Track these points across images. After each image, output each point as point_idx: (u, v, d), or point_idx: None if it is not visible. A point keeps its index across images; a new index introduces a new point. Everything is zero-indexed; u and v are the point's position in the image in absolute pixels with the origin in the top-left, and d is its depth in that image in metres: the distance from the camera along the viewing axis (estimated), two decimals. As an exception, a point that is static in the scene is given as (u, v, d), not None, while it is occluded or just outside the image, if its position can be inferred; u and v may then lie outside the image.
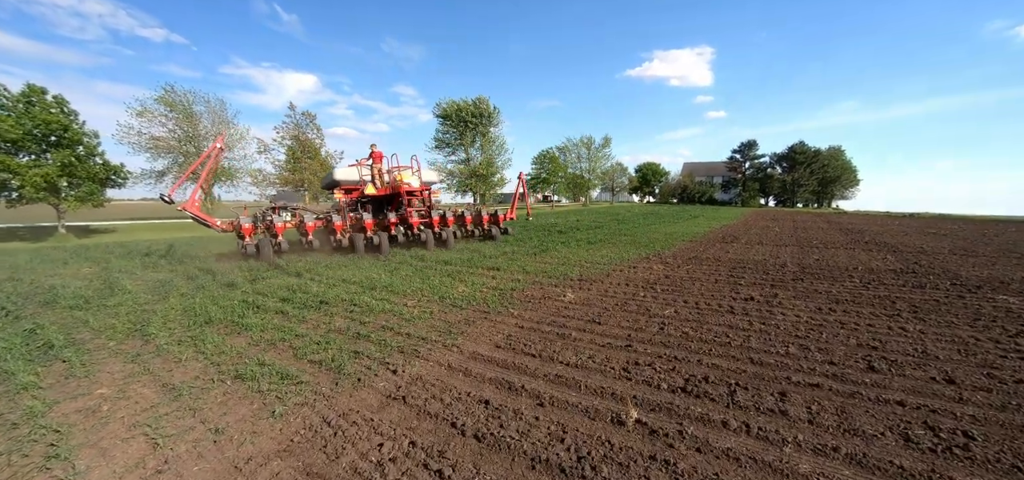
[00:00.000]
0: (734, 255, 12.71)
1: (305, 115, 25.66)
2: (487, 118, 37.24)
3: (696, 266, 10.71)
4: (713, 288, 8.18)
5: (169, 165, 35.09)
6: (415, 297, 7.57)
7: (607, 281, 8.85)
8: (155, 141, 33.88)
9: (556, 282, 8.78)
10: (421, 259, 11.90)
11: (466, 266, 10.76)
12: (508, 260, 11.62)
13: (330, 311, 6.69)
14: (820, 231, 22.49)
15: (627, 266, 10.68)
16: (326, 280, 9.14)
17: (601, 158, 61.69)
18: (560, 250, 13.61)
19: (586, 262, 11.34)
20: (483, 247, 14.15)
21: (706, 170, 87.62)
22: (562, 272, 9.78)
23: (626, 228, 22.14)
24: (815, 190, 77.30)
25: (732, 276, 9.35)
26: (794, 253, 13.23)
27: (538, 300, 7.27)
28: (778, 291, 7.93)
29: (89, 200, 18.35)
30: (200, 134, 36.10)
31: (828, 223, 29.79)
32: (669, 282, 8.70)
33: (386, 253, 12.72)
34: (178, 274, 10.23)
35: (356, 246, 12.81)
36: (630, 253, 13.01)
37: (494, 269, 10.33)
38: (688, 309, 6.64)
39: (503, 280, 9.04)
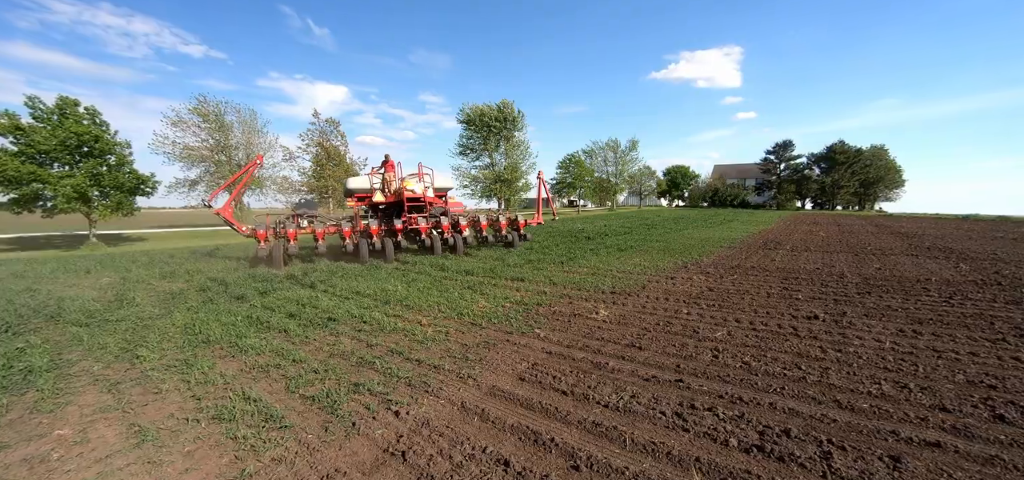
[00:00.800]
0: (781, 264, 11.56)
1: (329, 122, 25.74)
2: (511, 122, 36.59)
3: (741, 277, 9.67)
4: (766, 303, 7.18)
5: (201, 174, 35.88)
6: (431, 313, 6.89)
7: (643, 295, 7.96)
8: (188, 150, 34.69)
9: (586, 295, 7.95)
10: (442, 269, 11.26)
11: (488, 277, 10.04)
12: (533, 270, 10.83)
13: (337, 330, 6.06)
14: (870, 236, 20.80)
15: (664, 277, 9.73)
16: (340, 292, 8.58)
17: (628, 161, 60.24)
18: (589, 258, 12.74)
19: (618, 272, 10.45)
20: (507, 256, 13.42)
21: (738, 172, 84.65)
22: (593, 284, 8.94)
23: (657, 234, 21.03)
24: (856, 192, 73.53)
25: (785, 289, 8.30)
26: (850, 261, 11.96)
27: (567, 318, 6.46)
28: (845, 308, 6.88)
29: (119, 209, 18.56)
30: (231, 144, 36.85)
31: (876, 227, 27.75)
32: (714, 296, 7.74)
33: (390, 258, 13.03)
34: (192, 285, 9.89)
35: (360, 252, 12.89)
36: (665, 261, 12.03)
37: (518, 280, 9.57)
38: (743, 331, 5.71)
39: (528, 293, 8.27)
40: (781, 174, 74.97)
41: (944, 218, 47.57)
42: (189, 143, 34.65)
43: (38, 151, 16.59)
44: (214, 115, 35.07)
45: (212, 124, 35.34)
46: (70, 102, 17.90)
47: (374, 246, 13.21)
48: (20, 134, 16.35)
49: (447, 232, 14.30)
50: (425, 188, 15.39)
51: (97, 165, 17.46)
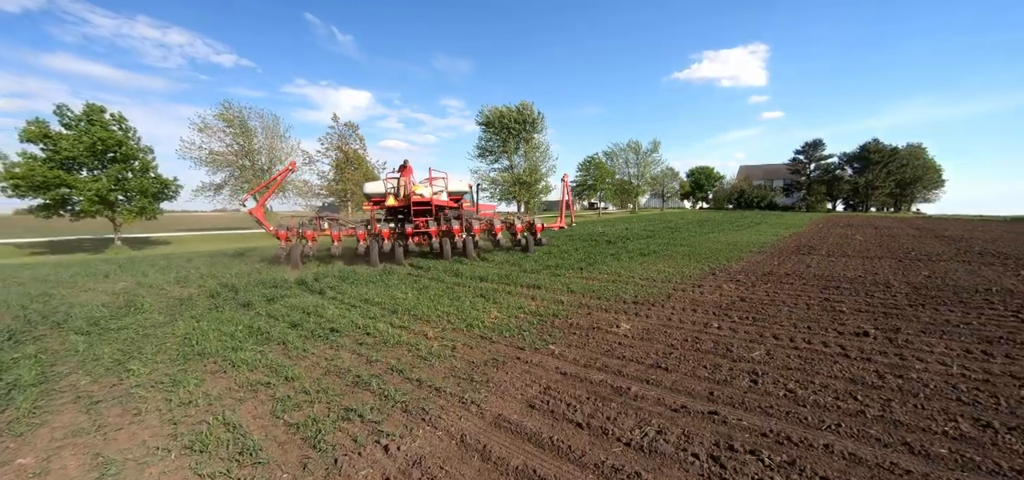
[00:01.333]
0: (818, 270, 10.74)
1: (348, 126, 25.72)
2: (531, 124, 36.06)
3: (775, 285, 8.95)
4: (806, 316, 6.50)
5: (227, 178, 36.58)
6: (439, 324, 6.46)
7: (668, 305, 7.37)
8: (214, 155, 35.39)
9: (606, 306, 7.40)
10: (455, 275, 10.86)
11: (503, 284, 9.59)
12: (551, 276, 10.33)
13: (338, 342, 5.69)
14: (912, 239, 19.53)
15: (690, 284, 9.09)
16: (348, 300, 8.25)
17: (650, 163, 58.99)
18: (609, 264, 12.15)
19: (641, 279, 9.84)
20: (523, 261, 12.94)
21: (764, 173, 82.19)
22: (613, 292, 8.38)
23: (682, 237, 20.22)
24: (892, 193, 70.42)
25: (826, 300, 7.58)
26: (894, 268, 11.05)
27: (585, 331, 5.94)
28: (897, 323, 6.15)
29: (143, 213, 18.85)
30: (255, 148, 37.47)
31: (917, 230, 26.19)
32: (747, 307, 7.09)
33: (399, 261, 13.27)
34: (203, 290, 9.74)
35: (371, 254, 13.19)
36: (690, 268, 11.35)
37: (534, 287, 9.08)
38: (783, 350, 5.08)
39: (544, 302, 7.77)
40: (811, 174, 72.36)
41: (990, 220, 44.90)
42: (214, 148, 35.37)
43: (65, 157, 16.94)
44: (238, 121, 35.72)
45: (236, 129, 36.00)
46: (96, 109, 18.28)
47: (383, 249, 13.43)
48: (48, 141, 16.72)
49: (458, 236, 14.14)
50: (438, 192, 15.37)
51: (121, 170, 17.75)
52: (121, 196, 18.66)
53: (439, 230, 14.17)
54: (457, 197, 16.90)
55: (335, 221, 14.78)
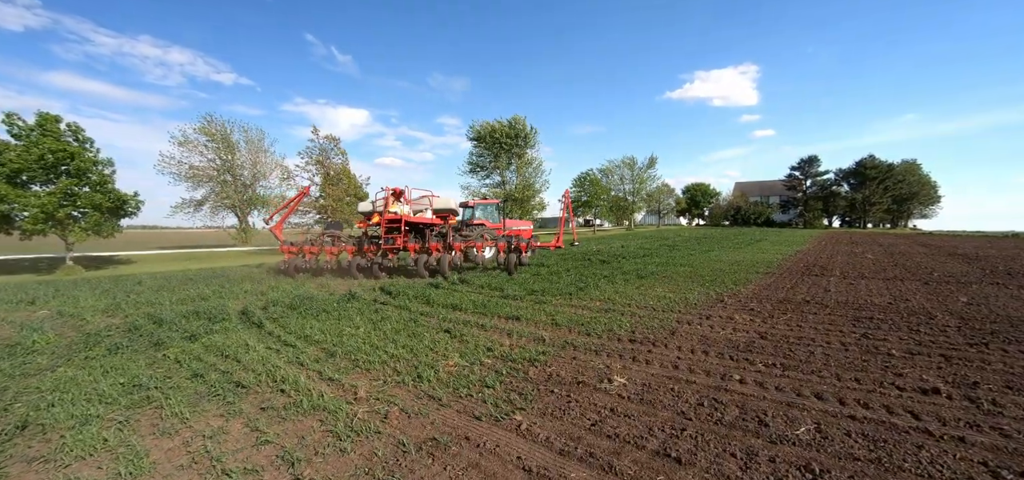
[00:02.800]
0: (840, 296, 9.40)
1: (329, 139, 24.42)
2: (523, 139, 34.90)
3: (797, 315, 7.59)
4: (849, 361, 5.13)
5: (207, 194, 35.09)
6: (380, 374, 5.04)
7: (673, 344, 5.98)
8: (194, 170, 33.96)
9: (597, 345, 6.00)
10: (426, 302, 9.45)
11: (477, 313, 8.19)
12: (534, 304, 8.94)
13: (235, 406, 4.25)
14: (924, 258, 18.29)
15: (696, 314, 7.72)
16: (285, 336, 6.81)
17: (646, 179, 58.01)
18: (603, 288, 10.77)
19: (638, 307, 8.47)
20: (507, 284, 11.55)
21: (760, 189, 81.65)
22: (606, 325, 6.98)
23: (681, 256, 18.90)
24: (889, 209, 69.78)
25: (865, 337, 6.21)
26: (925, 293, 9.73)
27: (567, 388, 4.54)
28: (966, 371, 4.79)
29: (98, 230, 17.36)
30: (238, 163, 36.09)
31: (925, 247, 25.02)
32: (771, 349, 5.71)
33: (376, 275, 13.49)
34: (126, 322, 8.26)
35: (351, 268, 13.75)
36: (694, 292, 9.98)
37: (513, 319, 7.68)
38: (836, 420, 3.69)
39: (521, 340, 6.37)
40: (808, 191, 71.75)
41: (988, 235, 43.99)
42: (195, 163, 33.94)
43: (13, 170, 15.50)
44: (220, 135, 34.39)
45: (219, 144, 34.66)
46: (50, 119, 16.90)
47: (361, 264, 13.87)
48: (-8, 152, 15.30)
49: (435, 253, 13.83)
50: (420, 210, 15.87)
51: (72, 184, 16.31)
52: (75, 212, 17.17)
53: (420, 247, 13.91)
54: (444, 214, 16.75)
55: (337, 238, 15.37)
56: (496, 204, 21.46)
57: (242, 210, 35.52)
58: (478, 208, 20.76)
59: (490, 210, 20.93)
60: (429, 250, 13.78)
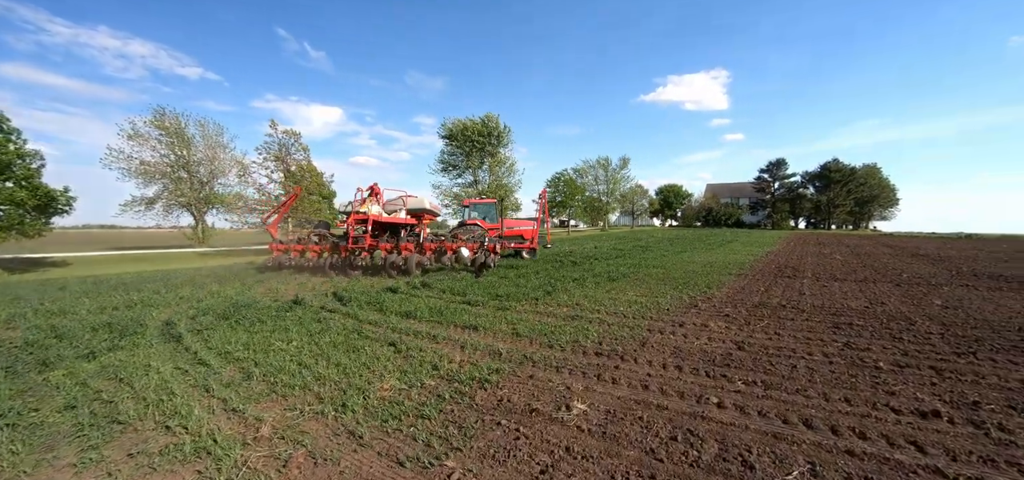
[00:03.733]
0: (816, 299, 9.04)
1: (288, 134, 23.02)
2: (496, 137, 34.12)
3: (774, 321, 7.11)
4: (835, 378, 4.61)
5: (160, 191, 32.97)
6: (298, 400, 4.22)
7: (643, 357, 5.35)
8: (145, 166, 31.82)
9: (558, 359, 5.32)
10: (379, 308, 8.62)
11: (432, 322, 7.42)
12: (496, 311, 8.23)
13: (93, 454, 3.37)
14: (890, 258, 18.47)
15: (669, 321, 7.15)
16: (207, 351, 5.87)
17: (619, 180, 58.15)
18: (572, 292, 10.15)
19: (607, 313, 7.86)
20: (471, 287, 10.81)
21: (731, 191, 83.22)
22: (571, 336, 6.32)
23: (653, 257, 18.53)
24: (852, 211, 72.12)
25: (848, 346, 5.74)
26: (899, 295, 9.48)
27: (518, 417, 3.83)
28: (963, 387, 4.33)
29: (21, 229, 15.71)
30: (195, 159, 34.06)
31: (889, 248, 25.54)
32: (750, 362, 5.15)
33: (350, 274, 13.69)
34: (21, 336, 7.12)
35: (324, 267, 14.16)
36: (667, 296, 9.46)
37: (470, 329, 6.95)
38: (832, 457, 3.11)
39: (474, 355, 5.64)
40: (776, 193, 73.51)
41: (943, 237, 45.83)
42: (146, 158, 31.81)
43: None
44: (174, 128, 32.35)
45: (173, 138, 32.61)
46: (-34, 106, 15.16)
47: (333, 263, 14.17)
48: None
49: (404, 253, 13.74)
50: (394, 210, 15.92)
51: (-10, 179, 14.68)
52: (-5, 210, 15.49)
53: (392, 247, 13.93)
54: (418, 214, 16.67)
55: (324, 237, 15.31)
56: (494, 203, 20.82)
57: (198, 209, 33.54)
58: (475, 208, 20.35)
59: (488, 209, 20.41)
60: (399, 250, 13.76)
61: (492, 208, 20.31)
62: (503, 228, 18.21)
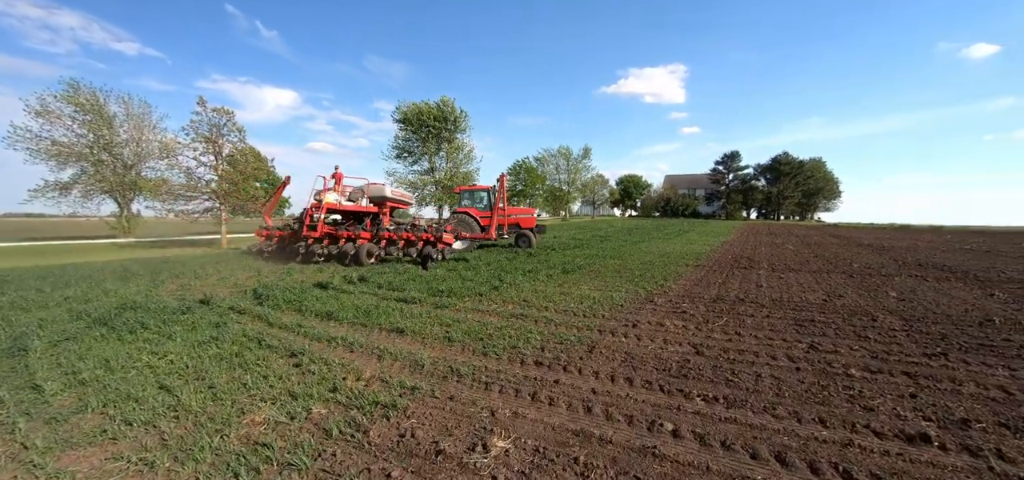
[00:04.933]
0: (774, 293, 8.62)
1: (219, 112, 20.69)
2: (453, 122, 32.72)
3: (734, 318, 6.54)
4: (804, 390, 3.98)
5: (77, 175, 29.63)
6: (131, 445, 3.14)
7: (589, 367, 4.58)
8: (58, 147, 28.44)
9: (491, 372, 4.46)
10: (298, 308, 7.49)
11: (354, 324, 6.40)
12: (434, 309, 7.29)
13: None
14: (839, 249, 18.82)
15: (622, 319, 6.44)
16: (50, 370, 4.63)
17: (580, 169, 58.04)
18: (521, 285, 9.34)
19: (557, 309, 7.08)
20: (411, 282, 9.80)
21: (688, 182, 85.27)
22: (511, 340, 5.47)
23: (611, 247, 18.04)
24: (799, 202, 75.44)
25: (813, 349, 5.18)
26: (854, 287, 9.23)
27: (419, 461, 2.92)
28: (942, 398, 3.79)
29: None
30: (119, 140, 30.80)
31: (836, 238, 26.34)
32: (709, 369, 4.47)
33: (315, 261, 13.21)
34: None
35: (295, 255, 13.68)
36: (621, 290, 8.81)
37: (395, 332, 5.98)
38: (816, 511, 2.39)
39: (392, 364, 4.69)
40: (730, 184, 75.79)
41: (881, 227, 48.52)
42: (58, 138, 28.41)
43: None
44: (91, 105, 29.05)
45: (90, 115, 29.30)
46: None
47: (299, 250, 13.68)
48: None
49: (361, 242, 13.42)
50: (356, 198, 15.81)
51: None
52: None
53: (351, 236, 13.62)
54: (380, 202, 16.17)
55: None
56: (488, 190, 18.86)
57: (123, 195, 30.40)
58: (465, 196, 19.11)
59: (479, 196, 18.94)
60: (352, 238, 13.52)
61: (485, 195, 18.70)
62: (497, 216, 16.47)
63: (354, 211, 15.55)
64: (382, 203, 16.38)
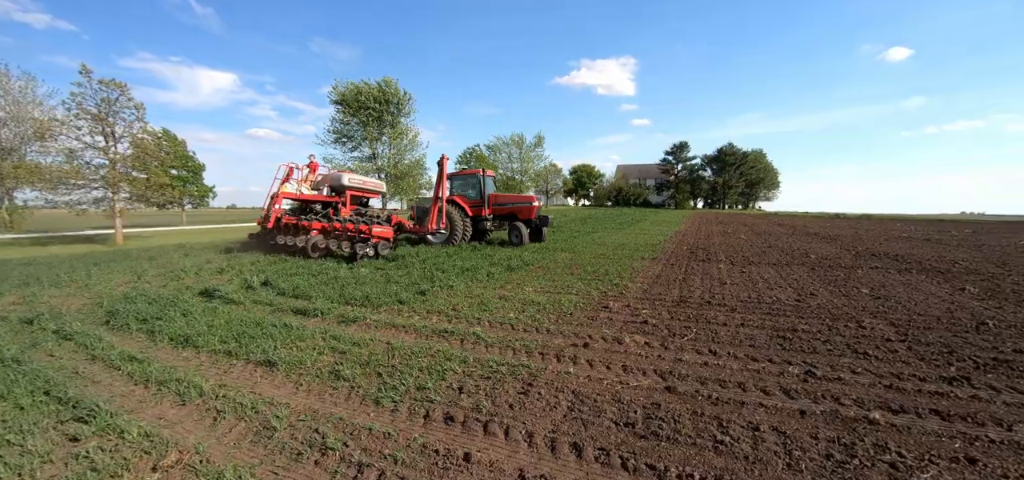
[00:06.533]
0: (739, 291, 7.63)
1: (109, 85, 17.26)
2: (396, 105, 30.22)
3: (703, 328, 5.37)
4: (822, 452, 2.77)
5: (-60, 160, 24.97)
6: None
7: (519, 424, 3.18)
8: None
9: (375, 435, 2.96)
10: (150, 333, 5.64)
11: (215, 353, 4.69)
12: (335, 324, 5.69)
13: None
14: (789, 237, 18.65)
15: (571, 336, 5.11)
16: None
17: (533, 158, 56.93)
18: (455, 288, 7.86)
19: (491, 323, 5.66)
20: (329, 285, 8.09)
21: (639, 172, 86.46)
22: (416, 380, 3.97)
23: (563, 239, 16.86)
24: (743, 192, 78.31)
25: (810, 375, 4.04)
26: (823, 283, 8.44)
27: None
28: (1004, 462, 2.69)
29: None
30: (-4, 119, 26.17)
31: (783, 227, 26.66)
32: (687, 419, 3.19)
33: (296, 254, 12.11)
34: None
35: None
36: (572, 292, 7.52)
37: (264, 366, 4.34)
38: None
39: (232, 426, 3.10)
40: (679, 174, 77.41)
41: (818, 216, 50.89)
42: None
43: None
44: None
45: (-44, 90, 24.69)
46: None
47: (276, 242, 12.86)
48: None
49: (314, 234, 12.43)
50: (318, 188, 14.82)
51: None
52: None
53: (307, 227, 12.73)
54: (338, 191, 14.62)
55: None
56: (476, 175, 16.15)
57: (3, 184, 25.91)
58: (456, 181, 16.20)
59: (470, 181, 16.16)
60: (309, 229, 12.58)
61: (476, 181, 16.01)
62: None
63: (314, 200, 14.23)
64: (341, 192, 14.53)
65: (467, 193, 16.01)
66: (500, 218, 15.99)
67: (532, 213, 15.55)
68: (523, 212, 15.69)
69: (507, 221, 15.81)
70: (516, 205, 16.03)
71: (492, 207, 15.80)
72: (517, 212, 15.77)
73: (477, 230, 15.58)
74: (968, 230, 24.52)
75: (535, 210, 15.68)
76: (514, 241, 14.93)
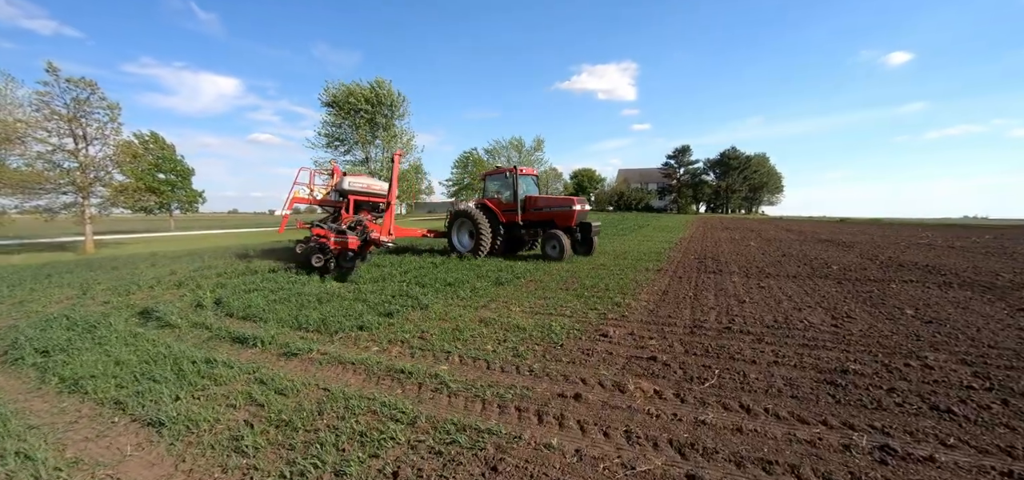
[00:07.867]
0: (762, 313, 6.50)
1: (78, 83, 16.24)
2: (389, 107, 29.20)
3: (726, 369, 4.25)
4: None
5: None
6: None
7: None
8: None
9: None
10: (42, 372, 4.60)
11: (103, 403, 3.61)
12: (272, 359, 4.58)
13: None
14: (801, 244, 17.52)
15: (559, 377, 4.01)
16: None
17: (533, 162, 55.83)
18: (429, 308, 6.78)
19: (462, 360, 4.56)
20: (277, 306, 7.03)
21: (641, 177, 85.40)
22: (346, 449, 2.88)
23: (561, 247, 15.69)
24: (747, 196, 77.19)
25: (887, 451, 2.93)
26: (857, 303, 7.30)
27: None
28: None
29: None
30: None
31: (791, 232, 25.51)
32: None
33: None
34: None
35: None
36: (567, 312, 6.43)
37: (150, 428, 3.26)
38: None
39: None
40: (681, 178, 76.31)
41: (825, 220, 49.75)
42: None
43: None
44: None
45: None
46: None
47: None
48: None
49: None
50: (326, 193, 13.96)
51: None
52: None
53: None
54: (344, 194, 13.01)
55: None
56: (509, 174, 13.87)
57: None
58: (490, 181, 14.41)
59: (505, 181, 14.05)
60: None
61: (510, 179, 13.78)
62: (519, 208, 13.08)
63: (322, 204, 13.76)
64: (343, 196, 13.01)
65: (500, 195, 13.88)
66: (533, 225, 13.58)
67: (572, 219, 13.00)
68: (561, 218, 13.16)
69: (542, 229, 13.33)
70: (552, 209, 13.42)
71: (527, 212, 13.53)
72: (554, 218, 13.29)
73: (511, 239, 13.57)
74: (989, 236, 23.32)
75: (576, 215, 13.04)
76: (552, 254, 12.48)
